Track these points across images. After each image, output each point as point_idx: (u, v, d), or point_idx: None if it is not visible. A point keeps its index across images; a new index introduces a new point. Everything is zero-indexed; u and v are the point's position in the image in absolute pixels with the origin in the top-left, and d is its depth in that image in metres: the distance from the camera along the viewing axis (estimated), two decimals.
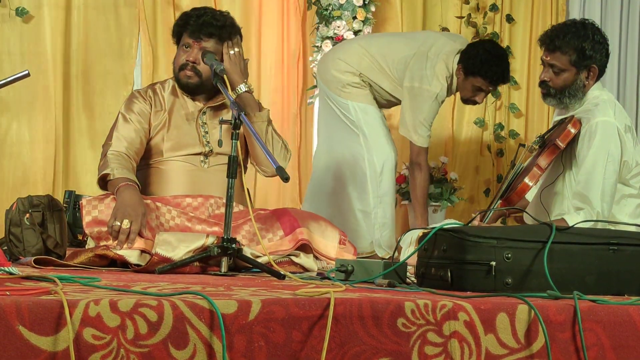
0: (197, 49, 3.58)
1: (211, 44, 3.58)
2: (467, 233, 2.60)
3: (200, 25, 3.58)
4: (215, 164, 3.60)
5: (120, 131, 3.56)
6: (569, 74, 3.56)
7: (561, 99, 3.58)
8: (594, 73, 3.57)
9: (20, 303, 1.83)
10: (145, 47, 5.88)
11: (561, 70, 3.56)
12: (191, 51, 3.60)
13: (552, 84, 3.58)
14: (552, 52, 3.56)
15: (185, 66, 3.60)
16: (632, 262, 2.70)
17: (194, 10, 3.69)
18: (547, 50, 3.59)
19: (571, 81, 3.56)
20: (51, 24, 5.66)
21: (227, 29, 3.60)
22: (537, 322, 2.24)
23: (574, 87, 3.56)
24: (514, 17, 6.60)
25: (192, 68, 3.59)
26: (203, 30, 3.58)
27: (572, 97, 3.57)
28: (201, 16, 3.61)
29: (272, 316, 2.03)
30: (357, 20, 6.08)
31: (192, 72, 3.60)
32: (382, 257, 4.72)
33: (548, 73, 3.59)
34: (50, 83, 5.63)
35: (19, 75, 3.05)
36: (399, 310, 2.15)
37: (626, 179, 3.50)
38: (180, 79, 3.63)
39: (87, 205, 3.31)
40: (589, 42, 3.54)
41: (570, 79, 3.56)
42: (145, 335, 1.91)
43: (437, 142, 6.58)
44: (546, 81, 3.59)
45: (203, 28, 3.58)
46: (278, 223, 3.48)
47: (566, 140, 3.48)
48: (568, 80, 3.56)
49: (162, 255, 3.09)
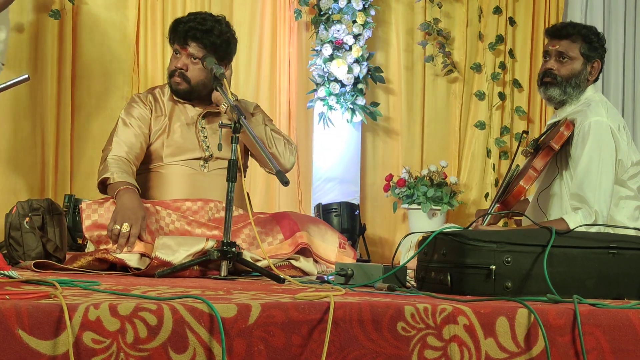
0: (185, 56, 3.58)
1: (198, 50, 3.56)
2: (466, 237, 2.60)
3: (186, 31, 3.57)
4: (215, 168, 3.61)
5: (120, 136, 3.56)
6: (577, 63, 3.58)
7: (565, 88, 3.58)
8: (596, 69, 3.61)
9: (20, 307, 1.83)
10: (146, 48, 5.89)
11: (570, 58, 3.58)
12: (179, 58, 3.60)
13: (558, 72, 3.58)
14: (563, 38, 3.59)
15: (174, 73, 3.61)
16: (631, 265, 2.70)
17: (186, 16, 3.67)
18: (556, 38, 3.61)
19: (578, 71, 3.58)
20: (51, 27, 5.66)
21: (214, 33, 3.57)
22: (536, 326, 2.24)
23: (579, 78, 3.58)
24: (516, 20, 6.61)
25: (180, 74, 3.59)
26: (189, 36, 3.56)
27: (576, 88, 3.58)
28: (188, 22, 3.59)
29: (271, 320, 2.02)
30: (357, 24, 6.09)
31: (180, 79, 3.60)
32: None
33: (554, 62, 3.60)
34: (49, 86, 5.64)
35: (19, 79, 3.05)
36: (399, 314, 2.15)
37: (622, 180, 3.50)
38: (172, 86, 3.64)
39: (87, 209, 3.32)
40: (596, 37, 3.61)
41: (577, 68, 3.58)
42: (145, 339, 1.91)
43: (442, 145, 6.59)
44: (552, 70, 3.59)
45: (189, 33, 3.56)
46: (278, 227, 3.48)
47: (560, 142, 3.48)
48: (575, 70, 3.58)
49: (161, 259, 3.09)
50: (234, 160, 3.10)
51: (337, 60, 6.05)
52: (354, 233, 5.96)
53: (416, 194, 6.09)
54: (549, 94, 3.61)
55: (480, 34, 6.56)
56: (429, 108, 6.57)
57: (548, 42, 3.66)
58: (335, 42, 6.05)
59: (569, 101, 3.61)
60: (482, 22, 6.57)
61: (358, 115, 6.15)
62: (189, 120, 3.65)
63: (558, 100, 3.62)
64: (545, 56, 3.66)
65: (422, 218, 6.11)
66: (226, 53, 3.61)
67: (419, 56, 6.53)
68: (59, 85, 5.66)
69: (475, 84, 6.59)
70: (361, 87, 6.15)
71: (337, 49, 6.07)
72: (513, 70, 6.61)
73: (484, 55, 6.56)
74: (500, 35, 6.54)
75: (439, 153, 6.52)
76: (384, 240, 6.45)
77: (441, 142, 6.59)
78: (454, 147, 6.57)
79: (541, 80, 3.63)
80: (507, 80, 6.61)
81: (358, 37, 6.10)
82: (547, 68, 3.61)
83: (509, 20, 6.59)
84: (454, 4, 6.56)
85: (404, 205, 6.18)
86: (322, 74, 6.11)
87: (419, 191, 6.08)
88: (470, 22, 6.57)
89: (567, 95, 3.60)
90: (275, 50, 6.26)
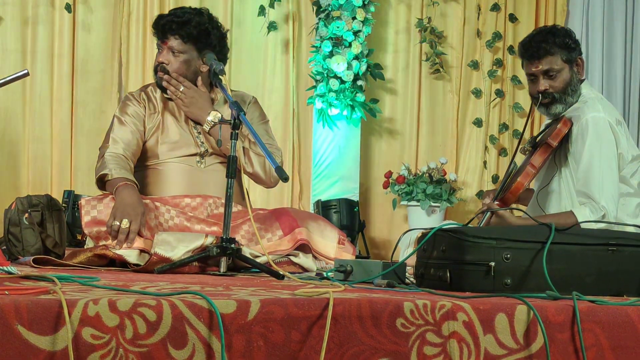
0: (166, 50, 3.57)
1: (177, 42, 3.55)
2: (466, 233, 2.60)
3: (163, 25, 3.56)
4: (212, 164, 3.60)
5: (116, 133, 3.56)
6: (565, 72, 3.57)
7: (565, 100, 3.58)
8: (581, 65, 3.61)
9: (19, 302, 1.83)
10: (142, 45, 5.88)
11: (557, 72, 3.56)
12: (161, 52, 3.59)
13: (553, 89, 3.57)
14: (543, 58, 3.56)
15: (157, 68, 3.60)
16: (631, 262, 2.70)
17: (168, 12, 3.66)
18: (536, 60, 3.57)
19: (569, 78, 3.57)
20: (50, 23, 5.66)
21: (191, 24, 3.54)
22: (536, 322, 2.24)
23: (573, 84, 3.58)
24: (517, 17, 6.60)
25: (162, 69, 3.59)
26: (167, 29, 3.56)
27: (574, 94, 3.58)
28: (167, 16, 3.59)
29: (271, 316, 2.02)
30: (357, 20, 6.09)
31: (162, 73, 3.59)
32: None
33: (544, 82, 3.58)
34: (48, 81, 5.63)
35: (19, 74, 3.05)
36: (398, 311, 2.15)
37: (623, 177, 3.50)
38: (157, 81, 3.63)
39: (86, 205, 3.31)
40: (568, 38, 3.59)
41: (567, 77, 3.57)
42: (144, 335, 1.91)
43: (442, 142, 6.59)
44: (546, 90, 3.57)
45: (166, 27, 3.56)
46: (277, 223, 3.48)
47: (558, 139, 3.48)
48: (567, 79, 3.57)
49: (161, 255, 3.09)
50: (234, 157, 3.09)
51: (337, 57, 6.05)
52: (353, 230, 5.96)
53: (415, 191, 6.09)
54: (552, 112, 3.61)
55: (478, 31, 6.56)
56: (428, 105, 6.57)
57: (527, 63, 3.60)
58: (335, 39, 6.05)
59: (571, 104, 3.61)
60: (480, 19, 6.57)
61: (357, 112, 6.15)
62: (182, 116, 3.64)
63: (563, 112, 3.62)
64: (529, 77, 3.63)
65: (421, 215, 6.11)
66: (206, 44, 3.57)
67: (416, 54, 6.53)
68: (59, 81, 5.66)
69: (474, 81, 6.59)
70: (361, 84, 6.15)
71: (337, 45, 6.07)
72: (514, 67, 6.60)
73: (482, 53, 6.56)
74: (498, 32, 6.54)
75: (437, 150, 6.53)
76: (383, 237, 6.45)
77: (439, 139, 6.60)
78: (452, 144, 6.57)
79: (539, 102, 3.60)
80: (506, 77, 6.61)
81: (358, 33, 6.09)
82: (540, 90, 3.58)
83: (509, 16, 6.58)
84: (450, 2, 6.56)
85: (403, 202, 6.18)
86: (321, 71, 6.10)
87: (418, 188, 6.08)
88: (468, 19, 6.57)
89: (568, 105, 3.60)
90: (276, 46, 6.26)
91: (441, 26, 6.51)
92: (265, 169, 3.57)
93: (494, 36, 6.53)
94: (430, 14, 6.43)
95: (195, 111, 3.57)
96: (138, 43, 5.90)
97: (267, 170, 3.57)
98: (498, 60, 6.55)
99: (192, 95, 3.56)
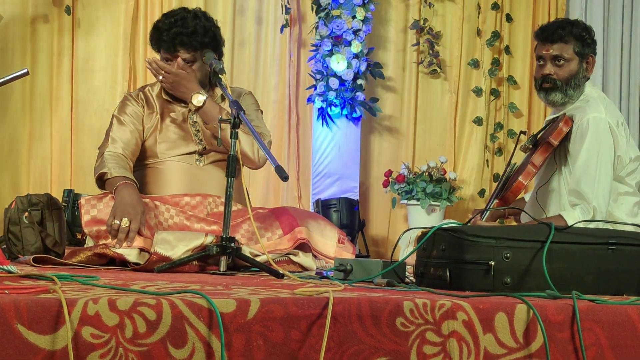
0: (176, 62, 3.57)
1: (189, 55, 3.56)
2: (466, 232, 2.60)
3: (172, 38, 3.55)
4: (210, 162, 3.60)
5: (115, 133, 3.56)
6: (573, 63, 3.57)
7: (566, 91, 3.57)
8: (591, 64, 3.60)
9: (19, 301, 1.83)
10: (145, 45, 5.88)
11: (566, 60, 3.56)
12: (173, 63, 3.58)
13: (556, 76, 3.57)
14: (555, 42, 3.56)
15: None
16: (630, 261, 2.70)
17: (165, 18, 3.62)
18: (548, 42, 3.57)
19: (576, 71, 3.57)
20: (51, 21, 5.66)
21: (199, 33, 3.55)
22: (535, 321, 2.24)
23: (578, 78, 3.57)
24: (514, 17, 6.60)
25: None
26: (176, 42, 3.55)
27: (576, 88, 3.57)
28: (171, 28, 3.56)
29: (270, 315, 2.02)
30: (357, 19, 6.09)
31: None
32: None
33: (551, 67, 3.58)
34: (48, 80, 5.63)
35: (19, 73, 3.05)
36: (398, 310, 2.15)
37: (621, 176, 3.50)
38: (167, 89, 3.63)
39: (86, 204, 3.31)
40: (586, 33, 3.59)
41: (574, 69, 3.57)
42: (143, 334, 1.91)
43: (440, 142, 6.59)
44: (550, 75, 3.57)
45: (175, 40, 3.55)
46: (277, 222, 3.48)
47: (559, 138, 3.48)
48: (573, 71, 3.57)
49: (160, 254, 3.09)
50: (234, 155, 3.10)
51: (337, 56, 6.05)
52: (353, 229, 5.96)
53: (415, 190, 6.09)
54: (550, 99, 3.60)
55: (478, 30, 6.56)
56: (427, 104, 6.56)
57: (539, 45, 3.62)
58: (335, 38, 6.05)
59: (570, 101, 3.60)
60: (480, 18, 6.57)
61: (357, 110, 6.15)
62: (180, 115, 3.64)
63: (560, 103, 3.61)
64: (539, 60, 3.63)
65: (421, 214, 6.11)
66: (215, 46, 3.60)
67: (415, 53, 6.53)
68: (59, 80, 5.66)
69: (474, 79, 6.58)
70: (360, 83, 6.14)
71: (337, 44, 6.06)
72: (509, 67, 6.60)
73: (482, 52, 6.56)
74: (497, 32, 6.54)
75: (437, 149, 6.52)
76: (383, 236, 6.45)
77: (438, 138, 6.59)
78: (450, 143, 6.57)
79: (540, 86, 3.61)
80: (503, 76, 6.61)
81: (357, 32, 6.09)
82: (544, 74, 3.58)
83: (505, 17, 6.58)
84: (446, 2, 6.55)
85: (403, 201, 6.18)
86: (321, 70, 6.10)
87: (418, 187, 6.08)
88: (468, 18, 6.57)
89: (568, 97, 3.59)
90: (275, 44, 6.26)
91: (439, 25, 6.50)
92: (253, 148, 3.54)
93: (492, 35, 6.53)
94: (430, 13, 6.42)
95: (179, 94, 3.58)
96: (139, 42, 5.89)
97: (255, 150, 3.55)
98: (495, 60, 6.55)
99: (173, 79, 3.56)
